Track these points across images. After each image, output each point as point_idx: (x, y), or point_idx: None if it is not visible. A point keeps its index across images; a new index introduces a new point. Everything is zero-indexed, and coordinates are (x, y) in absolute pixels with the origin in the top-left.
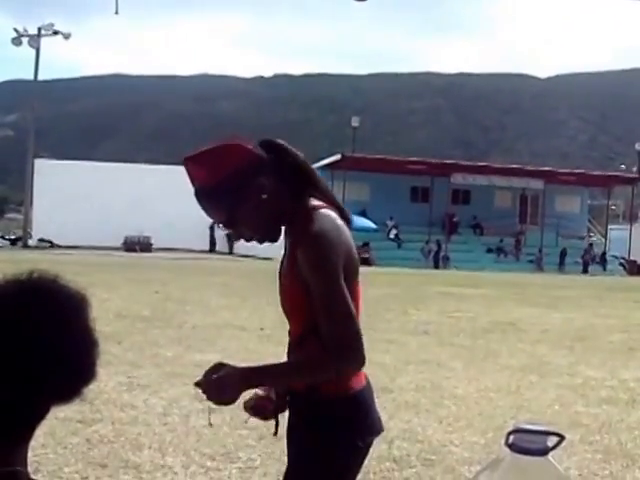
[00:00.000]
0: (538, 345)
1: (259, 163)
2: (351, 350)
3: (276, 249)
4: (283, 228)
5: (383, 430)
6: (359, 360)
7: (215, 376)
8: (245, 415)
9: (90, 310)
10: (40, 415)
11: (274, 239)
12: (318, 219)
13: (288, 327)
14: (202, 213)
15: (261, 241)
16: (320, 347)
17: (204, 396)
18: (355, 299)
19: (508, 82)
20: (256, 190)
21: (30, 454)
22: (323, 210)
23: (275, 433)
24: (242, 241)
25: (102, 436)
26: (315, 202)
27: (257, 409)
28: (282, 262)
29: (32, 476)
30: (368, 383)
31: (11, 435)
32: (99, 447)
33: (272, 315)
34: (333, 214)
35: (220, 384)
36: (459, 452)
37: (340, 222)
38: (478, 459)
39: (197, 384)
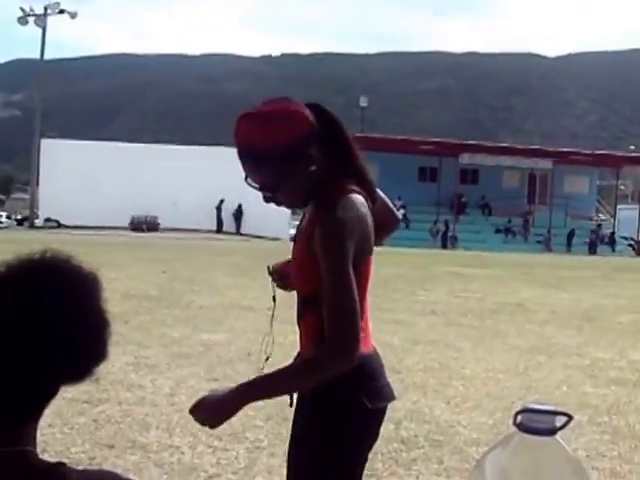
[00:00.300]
0: (546, 326)
1: (313, 133)
2: (348, 352)
3: (284, 229)
4: None
5: (394, 398)
6: (350, 362)
7: (207, 401)
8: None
9: (102, 291)
10: (50, 395)
11: (302, 207)
12: (344, 206)
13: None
14: (209, 193)
15: (289, 207)
16: (317, 320)
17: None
18: (366, 273)
19: (517, 61)
20: (307, 161)
21: (37, 434)
22: (352, 195)
23: (290, 404)
24: (250, 221)
25: (109, 416)
26: (348, 184)
27: (282, 274)
28: (298, 229)
29: (39, 456)
30: (376, 352)
31: (20, 414)
32: (106, 427)
33: (280, 294)
34: (360, 200)
35: (215, 407)
36: (467, 433)
37: (364, 210)
38: (486, 440)
39: (190, 412)
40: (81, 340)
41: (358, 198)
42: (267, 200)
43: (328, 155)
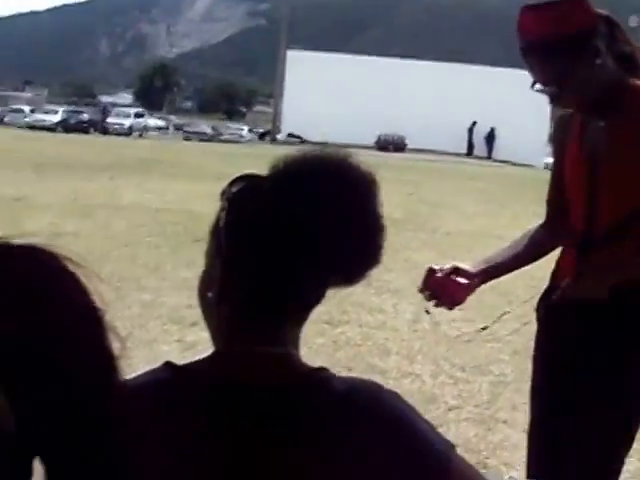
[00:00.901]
0: None
1: (598, 27)
2: None
3: (539, 156)
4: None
5: None
6: None
7: None
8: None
9: (379, 193)
10: (317, 298)
11: (589, 110)
12: None
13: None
14: (461, 115)
15: (576, 107)
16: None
17: None
18: None
19: None
20: (593, 53)
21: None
22: None
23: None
24: (502, 146)
25: (349, 338)
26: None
27: (436, 291)
28: (586, 147)
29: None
30: None
31: (287, 316)
32: (345, 349)
33: (534, 224)
34: None
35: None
36: None
37: None
38: None
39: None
40: (353, 243)
41: None
42: (552, 99)
43: (613, 57)
